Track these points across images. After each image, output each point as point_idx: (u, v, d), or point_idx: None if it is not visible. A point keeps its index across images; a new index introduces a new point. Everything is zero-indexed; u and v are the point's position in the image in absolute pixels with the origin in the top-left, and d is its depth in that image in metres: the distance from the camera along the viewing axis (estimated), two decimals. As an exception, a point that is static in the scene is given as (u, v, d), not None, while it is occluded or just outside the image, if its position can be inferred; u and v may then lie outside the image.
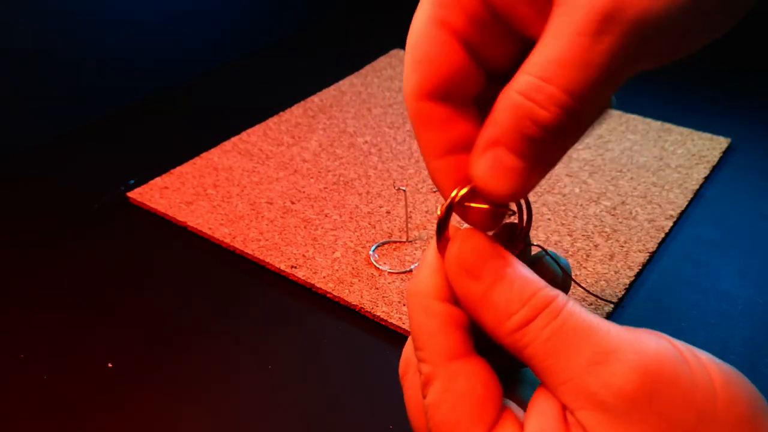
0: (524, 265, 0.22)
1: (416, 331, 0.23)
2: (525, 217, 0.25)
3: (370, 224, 0.51)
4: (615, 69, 0.19)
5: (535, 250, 0.27)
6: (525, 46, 0.21)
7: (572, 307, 0.21)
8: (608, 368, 0.20)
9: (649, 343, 0.20)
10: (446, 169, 0.23)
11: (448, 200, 0.23)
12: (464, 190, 0.23)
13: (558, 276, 0.26)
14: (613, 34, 0.18)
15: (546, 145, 0.20)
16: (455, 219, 0.24)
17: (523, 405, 0.23)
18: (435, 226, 0.24)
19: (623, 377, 0.19)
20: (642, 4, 0.18)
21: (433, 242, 0.24)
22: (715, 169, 0.55)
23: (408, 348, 0.26)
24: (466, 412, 0.22)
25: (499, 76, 0.22)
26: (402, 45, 0.76)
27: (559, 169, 0.55)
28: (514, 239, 0.25)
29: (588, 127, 0.21)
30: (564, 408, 0.21)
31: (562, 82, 0.19)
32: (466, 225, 0.24)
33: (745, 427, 0.19)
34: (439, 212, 0.24)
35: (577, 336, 0.20)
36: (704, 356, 0.20)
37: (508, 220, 0.25)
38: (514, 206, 0.25)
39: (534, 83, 0.19)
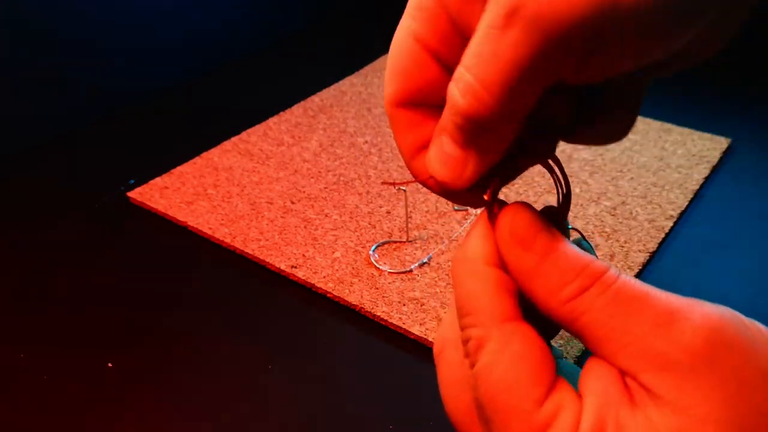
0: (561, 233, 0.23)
1: (465, 297, 0.23)
2: (562, 200, 0.25)
3: (370, 224, 0.51)
4: (526, 65, 0.19)
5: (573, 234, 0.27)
6: None
7: (627, 276, 0.21)
8: (674, 327, 0.20)
9: (710, 306, 0.20)
10: (422, 165, 0.24)
11: (496, 177, 0.24)
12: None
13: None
14: (517, 28, 0.19)
15: (471, 133, 0.21)
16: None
17: None
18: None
19: (691, 334, 0.19)
20: (544, 5, 0.18)
21: (484, 213, 0.24)
22: (715, 169, 0.55)
23: (445, 326, 0.26)
24: (525, 371, 0.21)
25: None
26: (402, 45, 0.76)
27: (559, 169, 0.55)
28: (553, 222, 0.25)
29: (515, 121, 0.21)
30: (622, 374, 0.20)
31: (476, 72, 0.20)
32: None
33: None
34: (489, 187, 0.24)
35: (636, 301, 0.20)
36: (758, 324, 0.21)
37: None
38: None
39: (459, 72, 0.20)
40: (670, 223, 0.49)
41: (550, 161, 0.25)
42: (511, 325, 0.22)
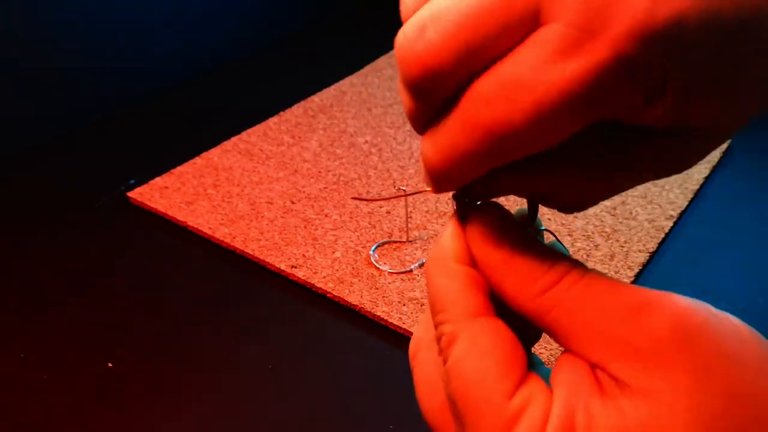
0: (533, 233, 0.23)
1: (436, 294, 0.24)
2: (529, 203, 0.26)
3: (370, 224, 0.51)
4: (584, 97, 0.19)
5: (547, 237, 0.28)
6: None
7: (595, 271, 0.22)
8: (641, 317, 0.20)
9: (677, 297, 0.20)
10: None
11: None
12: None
13: None
14: (593, 53, 0.18)
15: (491, 140, 0.20)
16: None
17: None
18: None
19: (657, 322, 0.20)
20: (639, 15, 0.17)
21: (453, 212, 0.25)
22: (715, 169, 0.55)
23: (420, 328, 0.26)
24: (493, 365, 0.21)
25: None
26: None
27: (559, 169, 0.55)
28: (526, 224, 0.26)
29: (539, 148, 0.20)
30: (592, 367, 0.21)
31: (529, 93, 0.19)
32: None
33: None
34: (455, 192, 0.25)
35: (604, 294, 0.21)
36: (726, 313, 0.21)
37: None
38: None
39: (500, 77, 0.19)
40: (670, 223, 0.49)
41: None
42: (481, 321, 0.22)
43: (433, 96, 0.21)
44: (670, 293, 0.21)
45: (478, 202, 0.24)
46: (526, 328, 0.23)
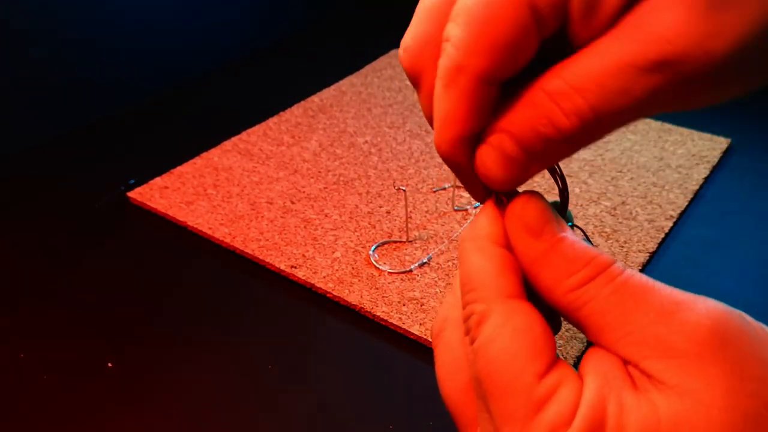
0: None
1: (470, 273, 0.23)
2: (560, 194, 0.26)
3: (370, 224, 0.51)
4: (646, 103, 0.19)
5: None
6: (559, 44, 0.21)
7: (632, 270, 0.22)
8: (678, 317, 0.20)
9: (713, 302, 0.20)
10: (467, 149, 0.23)
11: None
12: None
13: None
14: (662, 76, 0.19)
15: (551, 147, 0.21)
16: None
17: None
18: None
19: (695, 324, 0.20)
20: (700, 65, 0.18)
21: (491, 200, 0.24)
22: (715, 170, 0.55)
23: (446, 306, 0.26)
24: (526, 345, 0.21)
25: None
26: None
27: (559, 169, 0.55)
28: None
29: (593, 141, 0.21)
30: (624, 363, 0.21)
31: (592, 99, 0.19)
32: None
33: None
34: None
35: (641, 292, 0.21)
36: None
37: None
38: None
39: (565, 89, 0.20)
40: (670, 224, 0.49)
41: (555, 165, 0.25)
42: (514, 302, 0.22)
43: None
44: (705, 297, 0.21)
45: (516, 189, 0.24)
46: (548, 320, 0.23)
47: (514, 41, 0.20)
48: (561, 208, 0.26)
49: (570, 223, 0.26)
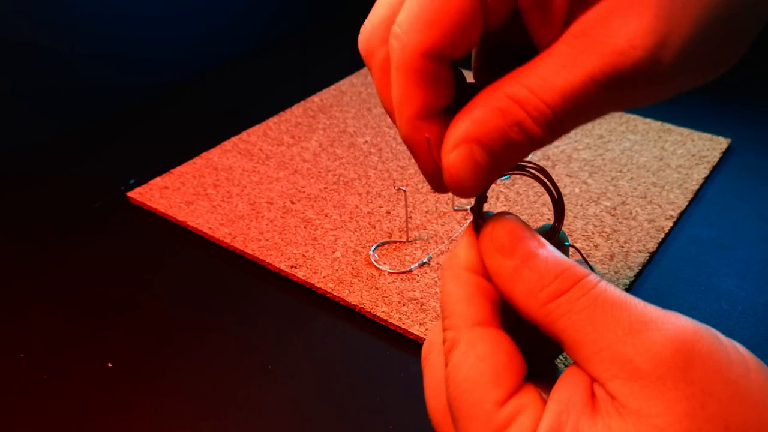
0: (555, 248, 0.23)
1: (445, 300, 0.24)
2: (555, 212, 0.26)
3: (370, 224, 0.51)
4: (604, 109, 0.21)
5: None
6: (513, 21, 0.22)
7: (606, 283, 0.22)
8: (645, 336, 0.20)
9: (685, 320, 0.20)
10: (423, 130, 0.23)
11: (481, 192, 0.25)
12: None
13: None
14: (620, 88, 0.20)
15: (520, 151, 0.21)
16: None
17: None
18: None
19: (660, 344, 0.19)
20: (655, 75, 0.19)
21: (470, 225, 0.25)
22: (715, 170, 0.55)
23: (433, 331, 0.27)
24: (486, 373, 0.22)
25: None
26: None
27: (559, 169, 0.55)
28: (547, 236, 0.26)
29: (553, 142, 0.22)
30: (592, 382, 0.21)
31: (558, 109, 0.20)
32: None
33: None
34: (473, 199, 0.25)
35: (613, 307, 0.21)
36: (733, 341, 0.21)
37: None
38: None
39: (530, 98, 0.20)
40: (670, 224, 0.49)
41: (538, 173, 0.25)
42: (481, 330, 0.23)
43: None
44: (678, 314, 0.21)
45: (492, 213, 0.24)
46: (546, 341, 0.23)
47: (454, 18, 0.21)
48: (556, 221, 0.26)
49: (566, 243, 0.26)
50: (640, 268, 0.45)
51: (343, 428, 0.37)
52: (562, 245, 0.26)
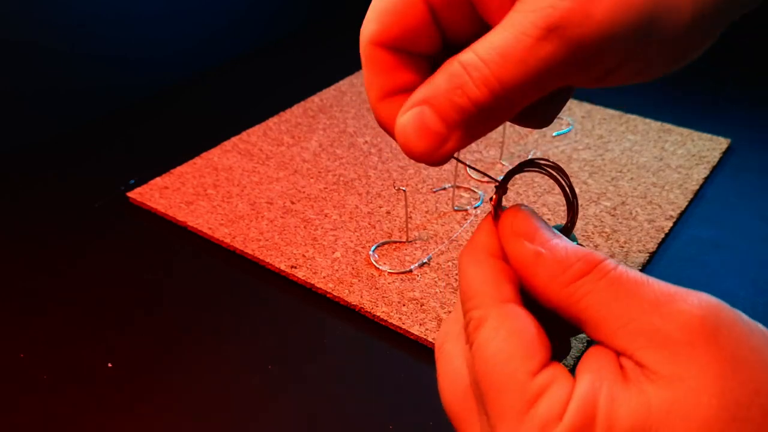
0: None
1: (468, 283, 0.24)
2: (568, 211, 0.27)
3: (370, 224, 0.51)
4: (546, 73, 0.21)
5: None
6: (483, 28, 0.23)
7: (625, 266, 0.22)
8: (673, 307, 0.20)
9: (706, 295, 0.21)
10: (388, 110, 0.25)
11: (503, 181, 0.26)
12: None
13: None
14: (554, 44, 0.20)
15: (468, 118, 0.22)
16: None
17: None
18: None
19: (689, 313, 0.20)
20: (585, 27, 0.20)
21: (489, 216, 0.26)
22: (715, 170, 0.55)
23: (448, 322, 0.27)
24: (520, 345, 0.22)
25: (456, 47, 0.24)
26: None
27: (559, 169, 0.55)
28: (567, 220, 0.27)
29: (513, 114, 0.22)
30: (618, 356, 0.21)
31: (496, 69, 0.21)
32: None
33: None
34: (493, 195, 0.26)
35: (635, 285, 0.21)
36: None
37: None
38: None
39: (475, 61, 0.21)
40: (670, 224, 0.49)
41: (554, 171, 0.26)
42: (510, 306, 0.23)
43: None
44: (698, 291, 0.21)
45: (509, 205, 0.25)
46: (560, 330, 0.24)
47: (398, 12, 0.23)
48: (569, 221, 0.26)
49: (576, 242, 0.27)
50: (640, 268, 0.45)
51: (343, 428, 0.37)
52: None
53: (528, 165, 0.26)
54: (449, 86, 0.22)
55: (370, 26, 0.24)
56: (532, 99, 0.22)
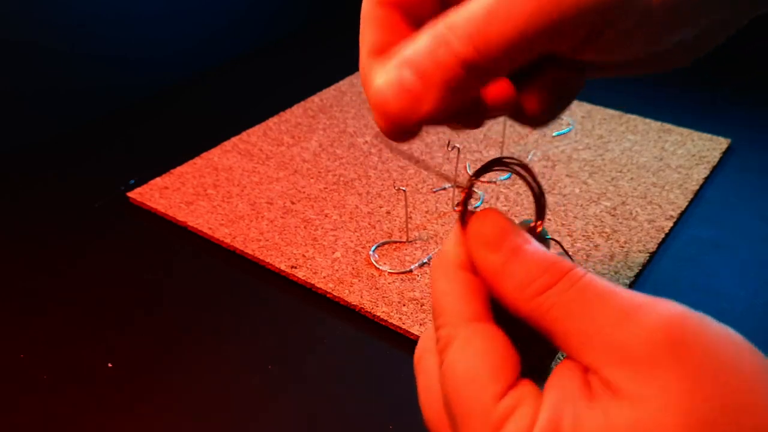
0: (538, 242, 0.23)
1: (437, 299, 0.24)
2: (536, 207, 0.26)
3: (370, 224, 0.51)
4: (535, 34, 0.21)
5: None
6: None
7: (592, 274, 0.22)
8: (636, 321, 0.20)
9: (673, 304, 0.20)
10: (369, 67, 0.24)
11: (468, 182, 0.25)
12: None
13: None
14: (527, 3, 0.20)
15: (449, 77, 0.22)
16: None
17: None
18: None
19: (652, 328, 0.19)
20: None
21: (458, 222, 0.25)
22: (715, 170, 0.55)
23: (425, 336, 0.27)
24: (485, 367, 0.22)
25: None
26: (402, 45, 0.76)
27: (559, 169, 0.55)
28: (535, 221, 0.26)
29: (491, 79, 0.23)
30: (586, 371, 0.21)
31: (482, 28, 0.21)
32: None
33: None
34: (461, 194, 0.25)
35: (602, 296, 0.21)
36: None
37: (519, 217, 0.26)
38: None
39: (459, 20, 0.21)
40: (670, 224, 0.49)
41: (520, 169, 0.25)
42: (476, 324, 0.23)
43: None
44: (665, 299, 0.21)
45: (477, 209, 0.25)
46: (535, 338, 0.23)
47: None
48: (538, 216, 0.26)
49: (547, 237, 0.26)
50: (640, 268, 0.45)
51: (343, 428, 0.37)
52: (543, 239, 0.26)
53: (495, 164, 0.25)
54: (432, 45, 0.21)
55: None
56: (513, 64, 0.22)
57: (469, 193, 0.25)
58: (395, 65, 0.22)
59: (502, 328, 0.23)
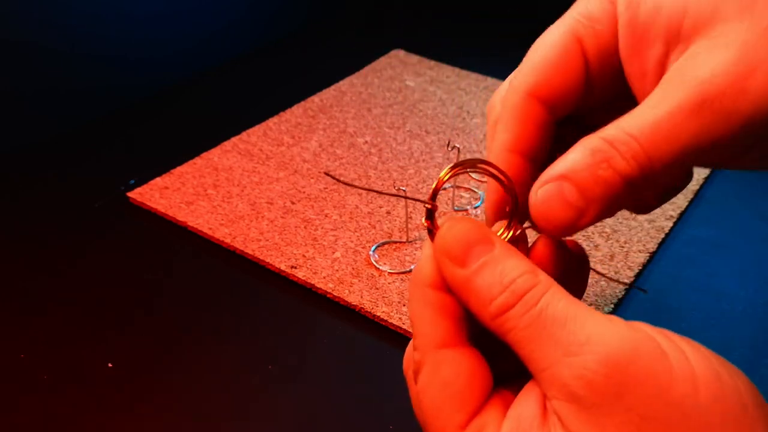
0: (512, 248, 0.23)
1: (411, 320, 0.24)
2: (509, 198, 0.26)
3: (370, 224, 0.51)
4: (694, 148, 0.21)
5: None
6: (619, 95, 0.24)
7: (552, 294, 0.21)
8: (579, 359, 0.20)
9: (625, 336, 0.20)
10: (510, 162, 0.25)
11: (431, 191, 0.25)
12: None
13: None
14: (706, 118, 0.20)
15: (610, 193, 0.22)
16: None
17: None
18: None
19: (594, 370, 0.19)
20: (738, 103, 0.20)
21: (428, 238, 0.25)
22: (715, 170, 0.55)
23: (410, 347, 0.27)
24: (448, 399, 0.22)
25: (581, 116, 0.25)
26: (402, 45, 0.76)
27: (559, 169, 0.55)
28: (510, 222, 0.26)
29: (648, 191, 0.23)
30: (545, 397, 0.21)
31: (646, 144, 0.21)
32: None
33: (730, 425, 0.19)
34: (427, 204, 0.25)
35: (553, 325, 0.20)
36: (692, 350, 0.20)
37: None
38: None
39: (623, 136, 0.21)
40: (670, 224, 0.49)
41: (483, 165, 0.25)
42: (443, 353, 0.23)
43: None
44: (622, 326, 0.20)
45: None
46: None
47: (558, 64, 0.24)
48: (511, 208, 0.25)
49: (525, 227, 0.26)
50: (640, 267, 0.45)
51: (343, 428, 0.37)
52: (520, 241, 0.26)
53: (454, 167, 0.25)
54: (593, 161, 0.21)
55: (527, 77, 0.24)
56: (672, 175, 0.22)
57: (432, 209, 0.25)
58: (553, 179, 0.22)
59: (484, 335, 0.23)
